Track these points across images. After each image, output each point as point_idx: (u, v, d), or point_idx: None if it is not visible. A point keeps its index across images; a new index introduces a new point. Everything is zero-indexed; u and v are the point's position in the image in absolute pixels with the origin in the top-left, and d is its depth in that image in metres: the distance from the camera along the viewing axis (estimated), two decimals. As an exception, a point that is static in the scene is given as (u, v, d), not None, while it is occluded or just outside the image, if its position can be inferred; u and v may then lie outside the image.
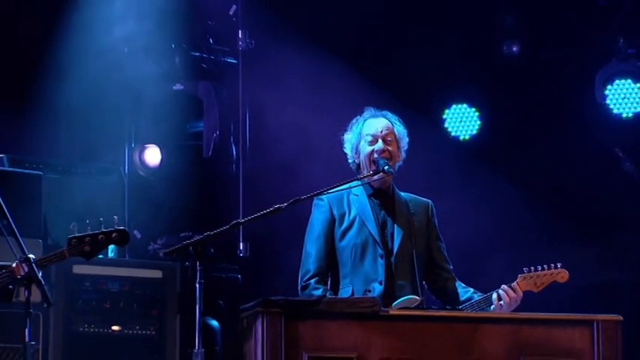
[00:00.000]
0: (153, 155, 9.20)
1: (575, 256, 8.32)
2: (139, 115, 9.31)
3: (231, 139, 9.44)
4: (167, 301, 8.06)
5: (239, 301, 7.99)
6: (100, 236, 5.84)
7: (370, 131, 6.83)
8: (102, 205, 6.27)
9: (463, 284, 6.94)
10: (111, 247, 7.75)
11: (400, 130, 6.91)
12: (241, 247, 8.96)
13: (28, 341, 5.96)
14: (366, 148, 6.79)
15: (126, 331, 7.74)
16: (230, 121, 9.43)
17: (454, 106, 9.93)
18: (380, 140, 6.77)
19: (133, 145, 9.25)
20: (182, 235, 8.78)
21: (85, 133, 8.53)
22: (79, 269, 7.56)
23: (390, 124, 6.87)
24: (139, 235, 8.72)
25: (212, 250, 7.95)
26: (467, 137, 9.95)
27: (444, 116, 9.89)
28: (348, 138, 6.95)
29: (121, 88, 9.00)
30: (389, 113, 7.02)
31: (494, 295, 6.69)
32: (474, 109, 9.96)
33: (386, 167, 6.64)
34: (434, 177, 7.23)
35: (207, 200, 9.13)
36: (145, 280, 7.94)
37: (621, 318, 6.23)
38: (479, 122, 9.94)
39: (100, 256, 7.69)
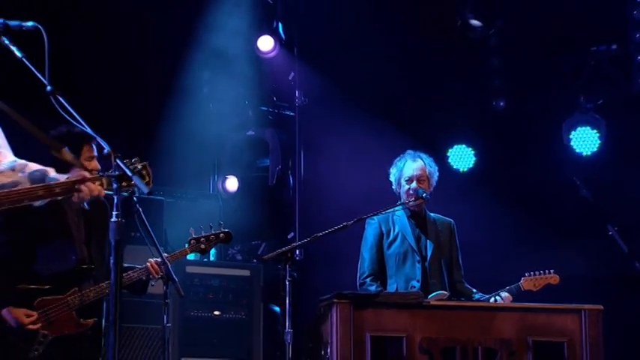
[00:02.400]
0: (232, 184, 9.28)
1: (550, 256, 8.33)
2: (222, 153, 9.39)
3: (289, 172, 9.41)
4: (253, 293, 8.11)
5: (295, 293, 8.35)
6: (211, 237, 6.00)
7: (408, 173, 6.91)
8: (203, 220, 6.43)
9: (469, 285, 7.02)
10: (212, 251, 7.76)
11: (430, 169, 7.00)
12: (297, 252, 8.53)
13: (165, 323, 6.14)
14: (404, 186, 6.90)
15: (224, 315, 7.85)
16: (289, 159, 9.41)
17: (456, 146, 9.91)
18: (414, 181, 6.87)
19: (216, 176, 9.36)
20: (253, 243, 9.04)
21: (183, 166, 8.57)
22: (191, 269, 7.76)
23: (423, 165, 6.94)
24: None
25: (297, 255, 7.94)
26: (465, 169, 9.92)
27: (448, 153, 9.88)
28: (393, 172, 7.03)
29: (209, 133, 9.08)
30: (423, 155, 7.08)
31: (492, 300, 6.80)
32: (470, 149, 9.92)
33: (424, 194, 6.78)
34: (441, 199, 7.29)
35: (271, 217, 9.18)
36: (238, 277, 8.03)
37: (602, 307, 6.28)
38: (474, 158, 9.91)
39: (205, 259, 8.03)
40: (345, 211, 7.24)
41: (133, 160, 4.53)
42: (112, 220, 4.08)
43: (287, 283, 6.09)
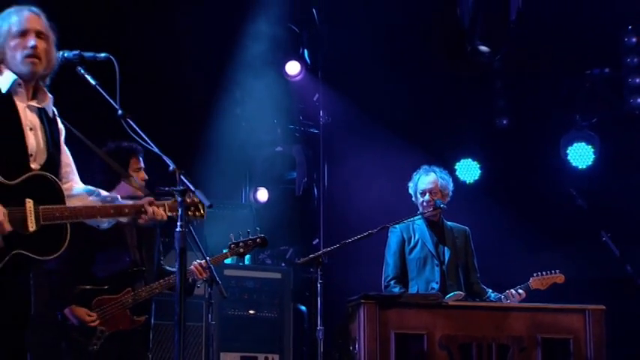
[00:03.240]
0: (262, 194, 9.22)
1: (548, 259, 8.29)
2: (253, 167, 9.35)
3: (314, 184, 9.37)
4: (284, 294, 8.06)
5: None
6: (249, 241, 5.99)
7: (422, 186, 6.95)
8: (238, 227, 6.40)
9: (484, 286, 7.01)
10: (247, 256, 7.94)
11: (443, 182, 7.01)
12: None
13: (210, 321, 6.38)
14: (419, 199, 6.95)
15: (258, 314, 7.81)
16: (314, 172, 9.35)
17: (463, 160, 9.87)
18: (427, 194, 6.90)
19: (248, 188, 9.32)
20: (281, 248, 8.97)
21: (219, 179, 8.42)
22: (228, 272, 7.73)
23: (435, 178, 6.96)
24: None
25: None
26: (471, 181, 9.89)
27: (456, 167, 9.82)
28: (411, 186, 7.06)
29: (241, 149, 9.11)
30: (437, 169, 7.10)
31: (502, 298, 6.85)
32: (476, 162, 9.90)
33: (441, 205, 6.83)
34: (450, 208, 7.29)
35: (298, 225, 9.11)
36: (270, 280, 8.01)
37: (604, 307, 6.33)
38: (479, 171, 9.88)
39: (240, 263, 8.04)
40: (365, 219, 7.33)
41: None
42: (177, 229, 4.08)
43: (318, 285, 6.10)
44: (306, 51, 9.46)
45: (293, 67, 9.32)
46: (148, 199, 4.51)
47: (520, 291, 6.86)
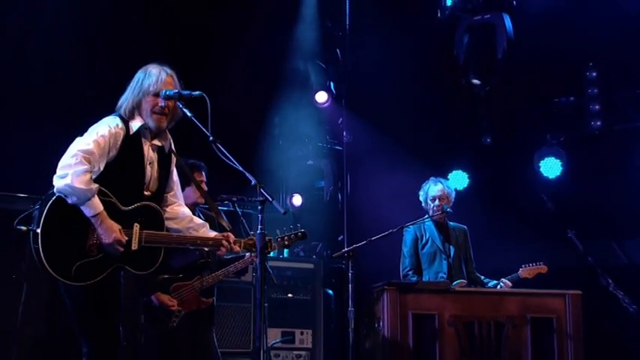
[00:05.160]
0: (297, 200, 9.18)
1: (525, 252, 8.25)
2: (289, 178, 9.27)
3: (339, 191, 9.34)
4: (315, 281, 7.96)
5: (342, 281, 8.21)
6: (292, 235, 5.77)
7: (432, 194, 6.92)
8: (278, 226, 6.33)
9: (478, 274, 6.99)
10: (285, 250, 8.02)
11: (448, 190, 7.00)
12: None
13: (264, 304, 6.25)
14: (430, 204, 6.91)
15: (295, 297, 7.73)
16: (338, 181, 9.32)
17: (454, 171, 9.77)
18: (437, 200, 6.89)
19: (285, 194, 9.26)
20: (312, 243, 8.82)
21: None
22: (271, 263, 7.12)
23: (442, 187, 6.96)
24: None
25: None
26: (461, 188, 9.65)
27: (449, 176, 9.56)
28: (421, 194, 7.03)
29: (279, 163, 9.03)
30: (443, 180, 7.19)
31: (498, 285, 6.81)
32: (465, 173, 9.80)
33: (447, 209, 6.82)
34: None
35: (326, 225, 8.98)
36: (304, 269, 7.92)
37: (581, 292, 6.34)
38: (468, 180, 9.79)
39: (280, 256, 8.00)
40: (380, 220, 7.20)
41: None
42: (258, 232, 4.14)
43: (350, 274, 6.06)
44: (332, 83, 9.47)
45: (322, 97, 9.32)
46: (227, 235, 4.52)
47: (509, 282, 6.80)
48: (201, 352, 5.73)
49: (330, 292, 8.38)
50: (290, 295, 7.75)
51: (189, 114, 4.32)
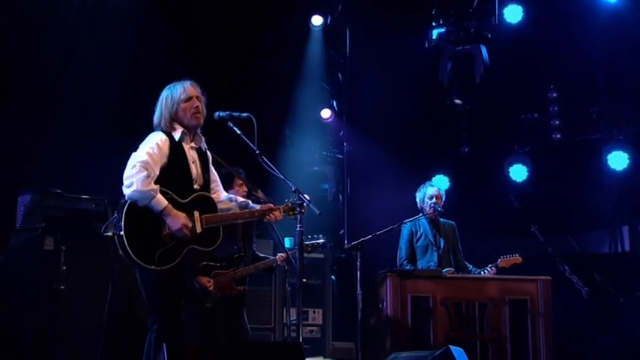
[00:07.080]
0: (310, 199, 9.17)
1: (497, 245, 8.11)
2: (297, 181, 8.72)
3: (340, 193, 9.34)
4: (325, 269, 8.00)
5: (343, 269, 8.26)
6: (315, 244, 6.17)
7: (429, 193, 6.90)
8: (293, 224, 6.41)
9: (466, 262, 6.92)
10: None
11: (441, 192, 6.96)
12: (346, 242, 8.57)
13: (286, 287, 6.59)
14: (427, 202, 6.87)
15: (309, 282, 7.53)
16: (340, 185, 9.34)
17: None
18: (434, 197, 6.86)
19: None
20: (316, 236, 8.90)
21: (274, 191, 8.32)
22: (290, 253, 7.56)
23: (438, 189, 6.96)
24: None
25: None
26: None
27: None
28: (419, 195, 6.96)
29: (289, 168, 8.61)
30: (434, 184, 7.12)
31: (482, 272, 6.75)
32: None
33: (439, 208, 6.82)
34: None
35: (329, 221, 8.68)
36: (316, 259, 7.88)
37: (550, 278, 6.35)
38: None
39: (295, 248, 7.78)
40: (376, 218, 7.17)
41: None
42: (297, 229, 4.36)
43: (358, 263, 6.04)
44: (334, 102, 9.49)
45: (326, 113, 9.36)
46: (269, 205, 4.70)
47: (492, 269, 6.83)
48: (235, 330, 5.78)
49: (333, 277, 8.41)
50: (304, 280, 7.57)
51: (238, 132, 4.57)
